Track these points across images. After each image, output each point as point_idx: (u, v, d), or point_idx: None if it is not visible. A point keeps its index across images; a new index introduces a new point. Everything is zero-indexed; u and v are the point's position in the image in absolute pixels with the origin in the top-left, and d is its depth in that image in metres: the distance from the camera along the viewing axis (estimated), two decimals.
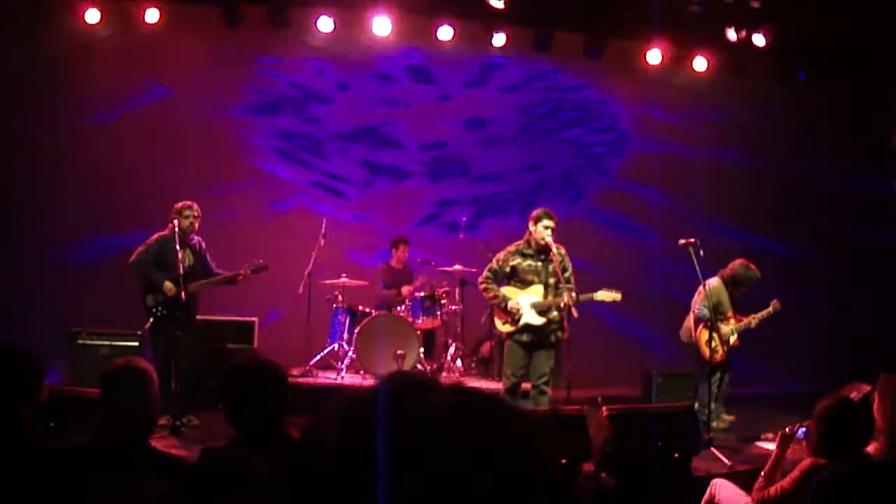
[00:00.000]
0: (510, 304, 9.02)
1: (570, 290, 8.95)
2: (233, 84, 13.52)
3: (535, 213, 9.15)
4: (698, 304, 10.09)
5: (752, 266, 10.15)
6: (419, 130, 14.04)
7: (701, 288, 9.96)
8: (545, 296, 9.03)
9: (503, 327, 9.22)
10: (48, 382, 4.45)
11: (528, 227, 9.16)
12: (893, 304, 14.06)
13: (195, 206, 9.87)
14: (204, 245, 10.09)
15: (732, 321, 10.08)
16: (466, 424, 1.34)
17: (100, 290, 11.78)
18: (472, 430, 1.34)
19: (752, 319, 10.14)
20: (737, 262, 10.20)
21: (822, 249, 14.20)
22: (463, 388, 1.43)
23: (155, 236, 9.75)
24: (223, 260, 10.26)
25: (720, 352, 9.88)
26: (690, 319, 10.22)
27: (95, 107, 12.84)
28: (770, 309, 10.26)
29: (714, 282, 10.15)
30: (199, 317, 10.24)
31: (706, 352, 9.92)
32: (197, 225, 9.88)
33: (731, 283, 10.14)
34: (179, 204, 9.84)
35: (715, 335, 9.82)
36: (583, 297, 9.01)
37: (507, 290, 9.15)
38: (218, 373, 8.51)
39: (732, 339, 10.03)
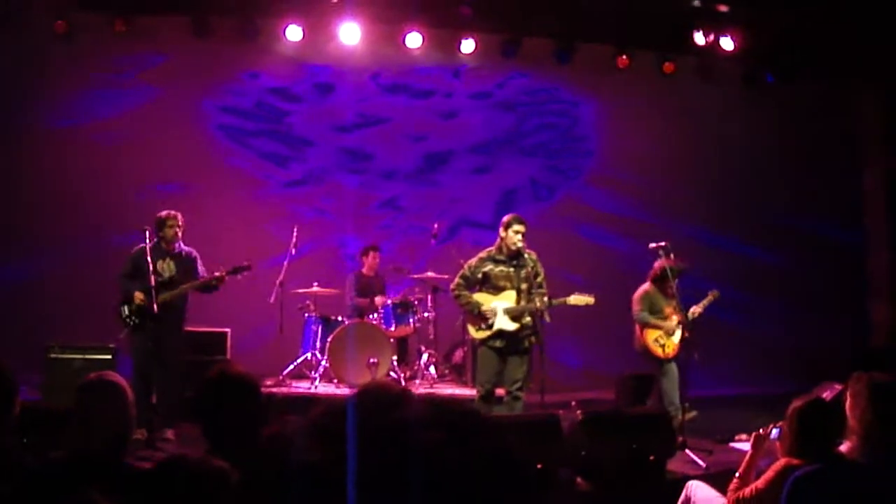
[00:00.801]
0: (483, 309, 9.03)
1: (542, 294, 8.97)
2: (204, 93, 13.48)
3: (505, 218, 9.16)
4: (635, 311, 10.21)
5: (677, 261, 10.16)
6: (390, 137, 14.02)
7: (634, 296, 10.18)
8: (518, 301, 9.04)
9: (476, 333, 9.22)
10: (20, 398, 4.42)
11: (498, 234, 9.17)
12: (865, 303, 14.23)
13: (178, 215, 9.83)
14: (194, 254, 10.01)
15: (674, 316, 10.12)
16: (441, 436, 1.34)
17: (72, 302, 11.74)
18: (447, 441, 1.34)
19: (695, 309, 10.17)
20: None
21: (792, 250, 14.29)
22: (436, 399, 1.44)
23: (137, 247, 9.72)
24: None
25: (671, 346, 9.98)
26: (637, 329, 10.33)
27: (63, 115, 12.75)
28: (710, 297, 10.30)
29: (643, 286, 10.27)
30: None
31: (657, 350, 10.04)
32: (180, 234, 9.83)
33: (659, 281, 10.22)
34: (163, 213, 9.81)
35: (660, 333, 9.96)
36: (556, 301, 9.05)
37: (479, 297, 9.15)
38: (192, 384, 8.50)
39: (679, 332, 10.06)
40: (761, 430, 5.74)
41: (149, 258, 9.41)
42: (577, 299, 9.14)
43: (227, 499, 2.83)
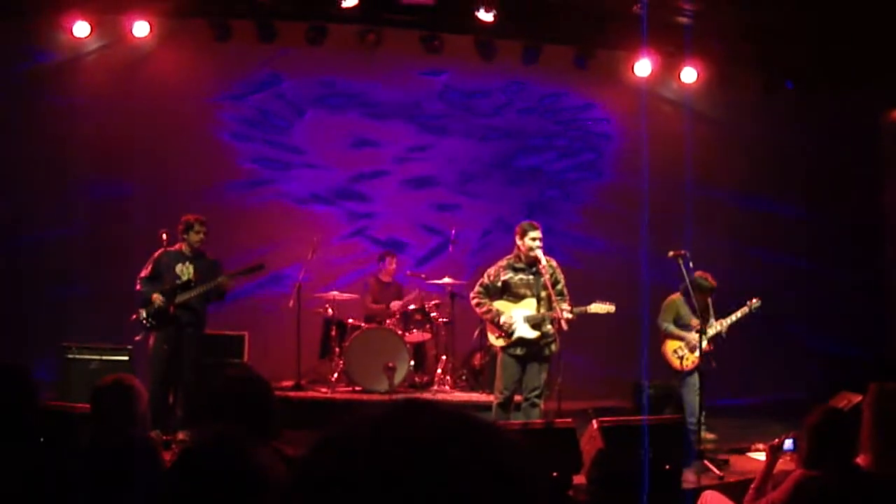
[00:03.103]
0: (503, 319, 9.00)
1: (563, 301, 8.96)
2: (223, 96, 13.52)
3: (519, 227, 9.14)
4: (659, 319, 10.16)
5: (708, 277, 10.08)
6: (411, 143, 14.02)
7: (663, 304, 10.14)
8: (538, 309, 9.00)
9: (497, 341, 9.19)
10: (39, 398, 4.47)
11: (515, 242, 9.16)
12: (884, 313, 14.14)
13: (205, 220, 9.90)
14: (219, 262, 10.08)
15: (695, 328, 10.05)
16: (465, 455, 1.33)
17: (90, 304, 11.81)
18: (469, 457, 1.32)
19: (724, 322, 10.08)
20: (694, 275, 10.16)
21: (812, 258, 14.20)
22: (456, 414, 1.41)
23: (159, 250, 9.77)
24: None
25: (690, 359, 9.87)
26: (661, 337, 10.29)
27: (84, 116, 12.79)
28: (746, 308, 10.12)
29: (672, 295, 10.19)
30: None
31: (675, 362, 9.96)
32: (205, 239, 9.88)
33: (688, 295, 10.16)
34: (190, 217, 9.87)
35: (680, 344, 9.88)
36: (576, 310, 9.00)
37: (499, 305, 9.12)
38: (208, 387, 8.51)
39: (703, 344, 9.94)
40: (776, 441, 5.72)
41: (161, 260, 9.54)
42: (598, 307, 9.12)
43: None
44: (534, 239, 8.96)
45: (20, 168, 12.52)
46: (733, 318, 10.06)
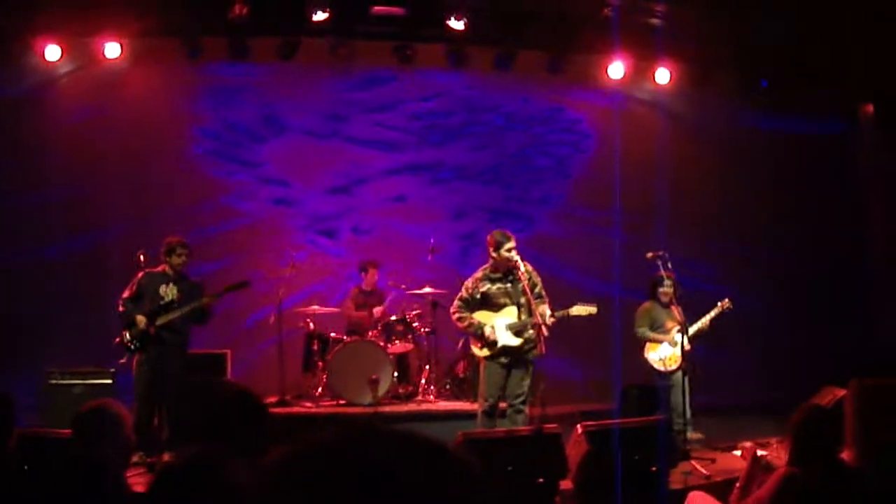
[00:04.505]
0: (486, 332, 9.01)
1: (543, 303, 8.98)
2: (194, 116, 13.49)
3: (492, 238, 9.12)
4: (635, 328, 10.26)
5: (661, 273, 10.15)
6: (385, 154, 14.00)
7: (636, 313, 10.37)
8: (519, 316, 9.03)
9: (481, 352, 9.19)
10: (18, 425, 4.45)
11: (489, 254, 9.15)
12: (869, 310, 14.19)
13: (187, 242, 9.89)
14: (201, 284, 10.07)
15: (675, 328, 10.10)
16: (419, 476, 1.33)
17: (72, 326, 11.77)
18: (419, 481, 1.32)
19: (702, 322, 10.18)
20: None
21: (791, 255, 14.24)
22: (405, 437, 1.41)
23: (142, 272, 9.75)
24: None
25: (674, 360, 9.95)
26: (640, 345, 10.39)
27: (57, 139, 12.73)
28: (719, 308, 10.31)
29: (644, 304, 10.31)
30: None
31: (658, 365, 10.07)
32: (187, 261, 9.86)
33: (655, 294, 10.22)
34: (173, 239, 9.86)
35: (657, 346, 9.99)
36: (558, 313, 9.01)
37: (480, 315, 9.13)
38: (195, 406, 8.46)
39: (680, 343, 9.99)
40: (752, 443, 5.76)
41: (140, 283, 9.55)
42: (579, 309, 9.12)
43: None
44: (509, 250, 8.97)
45: None
46: (706, 319, 10.16)
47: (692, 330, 10.10)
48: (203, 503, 2.65)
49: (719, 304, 10.32)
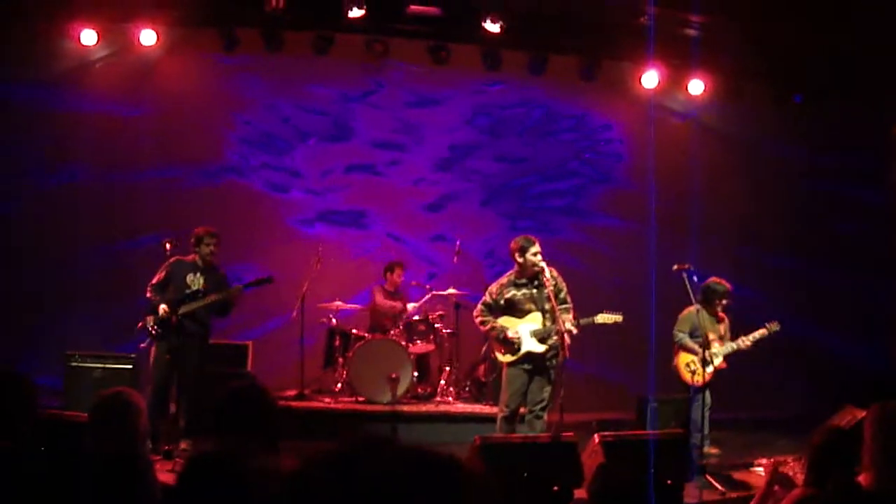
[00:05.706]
0: (509, 334, 8.97)
1: (567, 310, 8.94)
2: (229, 108, 13.55)
3: (516, 244, 9.05)
4: (674, 331, 10.06)
5: (722, 281, 10.04)
6: (416, 157, 14.03)
7: (680, 315, 10.01)
8: (544, 322, 8.96)
9: (504, 358, 9.13)
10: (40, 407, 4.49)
11: (514, 259, 9.09)
12: (888, 327, 14.07)
13: (217, 233, 9.89)
14: (227, 276, 10.10)
15: (716, 343, 9.92)
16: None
17: (95, 311, 11.84)
18: (431, 494, 1.32)
19: (742, 341, 10.00)
20: (707, 281, 10.08)
21: (822, 270, 14.12)
22: (424, 451, 1.41)
23: (171, 259, 9.78)
24: None
25: (701, 374, 9.67)
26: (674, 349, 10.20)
27: (91, 128, 12.81)
28: (764, 330, 9.98)
29: (689, 308, 10.00)
30: None
31: (686, 376, 9.85)
32: (216, 251, 9.88)
33: (705, 303, 10.01)
34: (201, 230, 9.87)
35: (693, 358, 9.75)
36: (583, 321, 8.96)
37: (504, 321, 9.08)
38: (211, 397, 8.50)
39: (717, 361, 9.83)
40: (772, 459, 5.70)
41: (171, 270, 9.58)
42: (605, 318, 9.06)
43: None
44: (535, 254, 8.90)
45: (24, 173, 12.59)
46: (750, 339, 9.95)
47: (731, 348, 9.93)
48: (232, 495, 2.66)
49: (766, 325, 9.97)
